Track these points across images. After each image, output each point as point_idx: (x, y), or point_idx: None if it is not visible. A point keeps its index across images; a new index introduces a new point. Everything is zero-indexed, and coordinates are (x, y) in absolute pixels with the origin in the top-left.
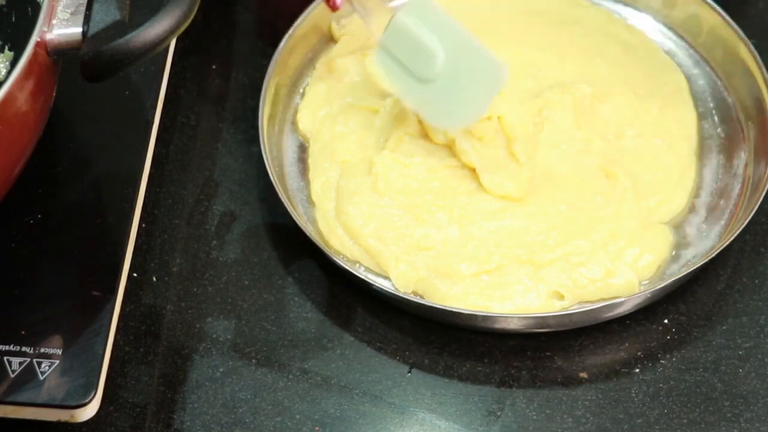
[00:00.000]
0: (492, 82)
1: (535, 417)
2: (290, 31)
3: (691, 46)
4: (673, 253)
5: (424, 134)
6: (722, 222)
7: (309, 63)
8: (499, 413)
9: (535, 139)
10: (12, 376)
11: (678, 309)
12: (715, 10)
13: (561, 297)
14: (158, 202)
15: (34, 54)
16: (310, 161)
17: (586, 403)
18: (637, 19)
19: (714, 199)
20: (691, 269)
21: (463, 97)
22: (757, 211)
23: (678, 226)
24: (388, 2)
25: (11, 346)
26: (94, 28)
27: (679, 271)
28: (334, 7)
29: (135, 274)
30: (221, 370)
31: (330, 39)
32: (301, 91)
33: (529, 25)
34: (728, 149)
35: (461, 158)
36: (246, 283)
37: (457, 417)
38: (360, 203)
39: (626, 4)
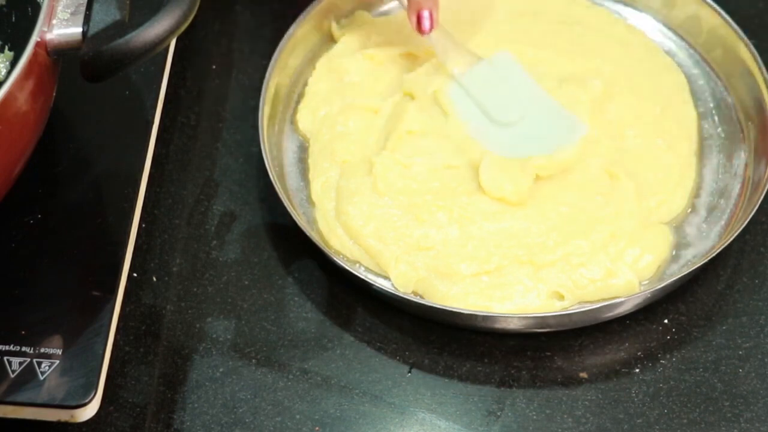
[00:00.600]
0: (567, 135)
1: (535, 417)
2: (290, 31)
3: (691, 46)
4: (673, 253)
5: (424, 134)
6: (722, 222)
7: (309, 63)
8: (499, 413)
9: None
10: (12, 376)
11: (678, 309)
12: (715, 10)
13: (561, 297)
14: (158, 202)
15: (34, 54)
16: (310, 161)
17: (586, 403)
18: (637, 19)
19: (714, 199)
20: (691, 269)
21: (533, 143)
22: (757, 211)
23: (678, 226)
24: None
25: (11, 346)
26: (94, 28)
27: (679, 271)
28: (422, 32)
29: (135, 274)
30: (221, 370)
31: (330, 39)
32: (301, 91)
33: (530, 25)
34: (728, 149)
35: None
36: (246, 283)
37: (457, 417)
38: (360, 203)
39: (626, 4)
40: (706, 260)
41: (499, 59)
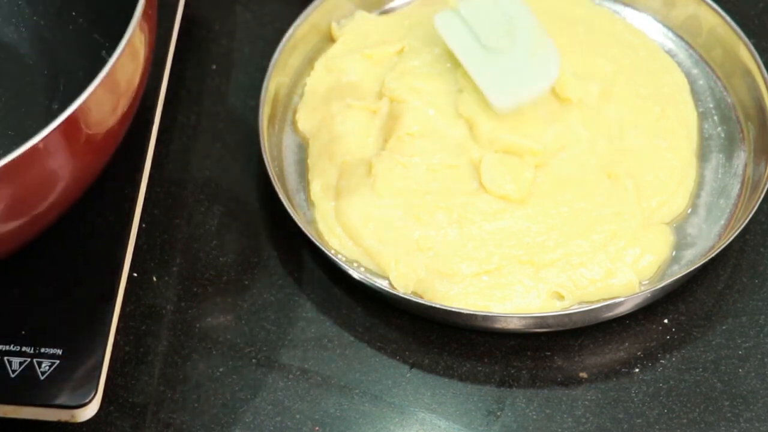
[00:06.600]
0: (541, 79)
1: (535, 417)
2: (290, 31)
3: (690, 46)
4: (674, 253)
5: (423, 134)
6: (722, 222)
7: (309, 63)
8: (499, 413)
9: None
10: (12, 376)
11: (678, 309)
12: (715, 10)
13: (561, 297)
14: (158, 202)
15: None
16: (310, 161)
17: (586, 403)
18: (636, 20)
19: (714, 199)
20: (691, 269)
21: (519, 75)
22: (756, 210)
23: (678, 226)
24: None
25: (11, 346)
26: None
27: (679, 271)
28: None
29: (135, 274)
30: (221, 370)
31: (330, 39)
32: (300, 91)
33: None
34: (728, 149)
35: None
36: (246, 283)
37: (457, 417)
38: (359, 204)
39: (626, 5)
40: (706, 260)
41: None
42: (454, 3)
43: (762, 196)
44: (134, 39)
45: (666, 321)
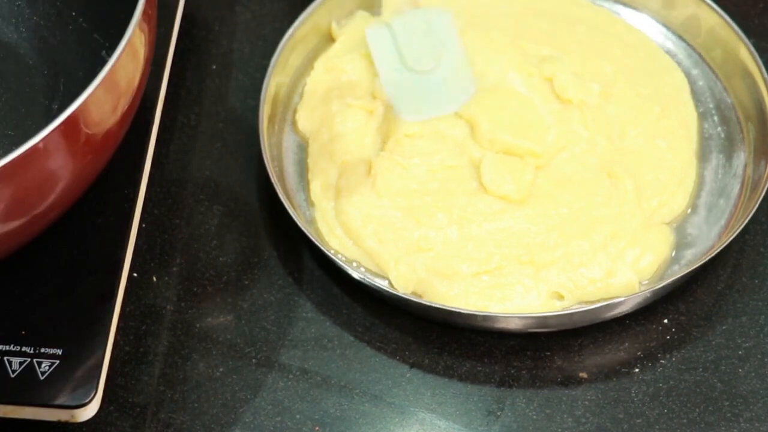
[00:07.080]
0: (457, 99)
1: (535, 417)
2: (290, 31)
3: (690, 46)
4: (674, 253)
5: (422, 135)
6: (722, 222)
7: (309, 63)
8: (499, 413)
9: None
10: (12, 376)
11: (678, 309)
12: (715, 10)
13: (561, 297)
14: (158, 202)
15: None
16: (310, 161)
17: (586, 403)
18: (636, 20)
19: (714, 199)
20: (691, 268)
21: (431, 97)
22: (756, 210)
23: (678, 226)
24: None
25: (11, 346)
26: None
27: (679, 270)
28: None
29: (135, 274)
30: (221, 370)
31: (330, 39)
32: (300, 90)
33: (532, 23)
34: (728, 149)
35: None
36: (246, 283)
37: (457, 417)
38: (359, 204)
39: (625, 5)
40: (706, 260)
41: (435, 14)
42: (388, 17)
43: (762, 196)
44: (134, 39)
45: (666, 321)
